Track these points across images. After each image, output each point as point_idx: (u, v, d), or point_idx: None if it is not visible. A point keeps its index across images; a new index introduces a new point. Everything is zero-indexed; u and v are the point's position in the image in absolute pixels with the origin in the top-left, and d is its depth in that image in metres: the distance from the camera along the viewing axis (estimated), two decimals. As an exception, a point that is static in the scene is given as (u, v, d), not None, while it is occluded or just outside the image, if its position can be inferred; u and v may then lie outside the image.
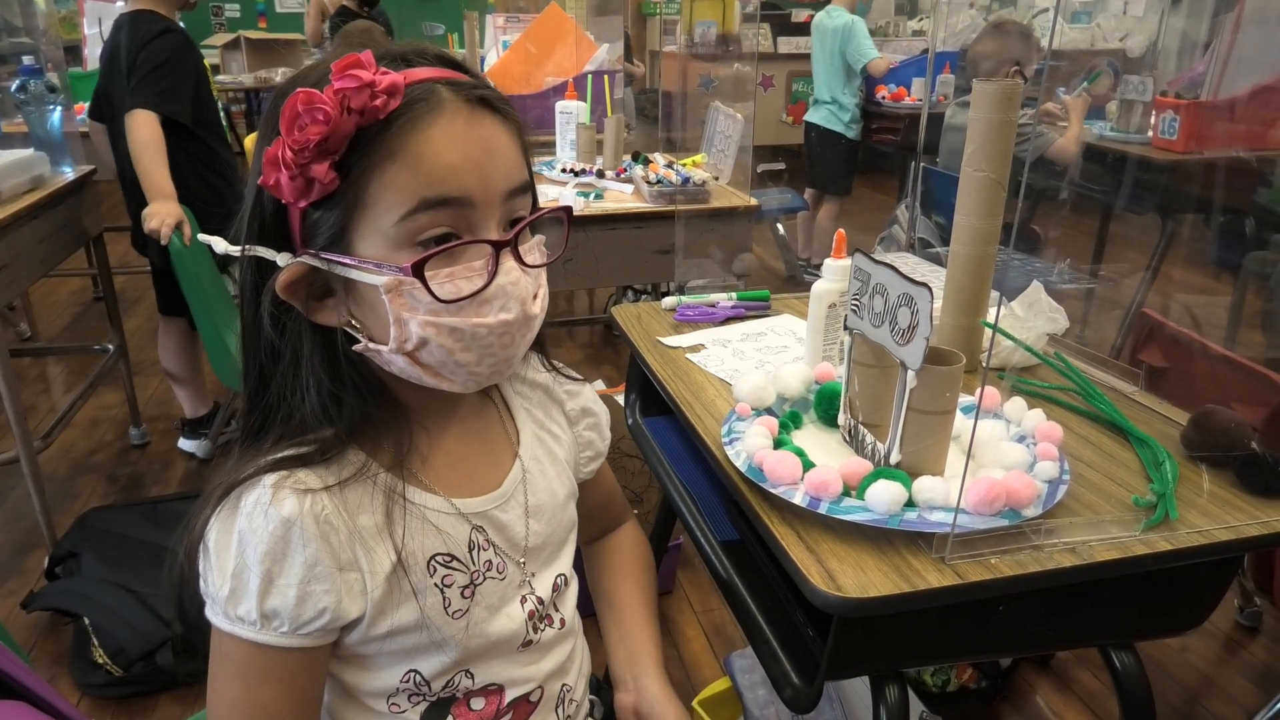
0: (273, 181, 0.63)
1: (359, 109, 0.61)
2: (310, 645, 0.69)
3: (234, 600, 0.66)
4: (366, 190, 0.63)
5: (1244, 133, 2.74)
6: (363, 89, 0.61)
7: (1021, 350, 1.15)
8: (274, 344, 0.69)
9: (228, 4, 7.28)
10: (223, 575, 0.66)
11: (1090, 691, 1.83)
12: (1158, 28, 3.92)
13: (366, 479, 0.70)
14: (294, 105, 0.61)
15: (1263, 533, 0.84)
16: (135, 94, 2.25)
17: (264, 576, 0.66)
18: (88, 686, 1.81)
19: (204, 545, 0.68)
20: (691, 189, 2.21)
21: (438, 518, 0.74)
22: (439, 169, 0.64)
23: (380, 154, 0.63)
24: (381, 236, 0.64)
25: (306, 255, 0.66)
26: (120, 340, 2.73)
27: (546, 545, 0.83)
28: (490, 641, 0.77)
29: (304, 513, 0.66)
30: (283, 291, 0.67)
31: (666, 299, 1.42)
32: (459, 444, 0.78)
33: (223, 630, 0.68)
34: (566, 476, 0.88)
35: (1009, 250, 1.52)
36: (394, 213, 0.64)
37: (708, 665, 1.92)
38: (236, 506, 0.67)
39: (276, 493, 0.66)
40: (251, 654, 0.68)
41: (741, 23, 2.71)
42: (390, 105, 0.62)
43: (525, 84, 3.30)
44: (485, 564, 0.76)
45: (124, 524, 2.10)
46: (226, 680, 0.70)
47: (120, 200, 2.45)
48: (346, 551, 0.68)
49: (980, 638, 0.86)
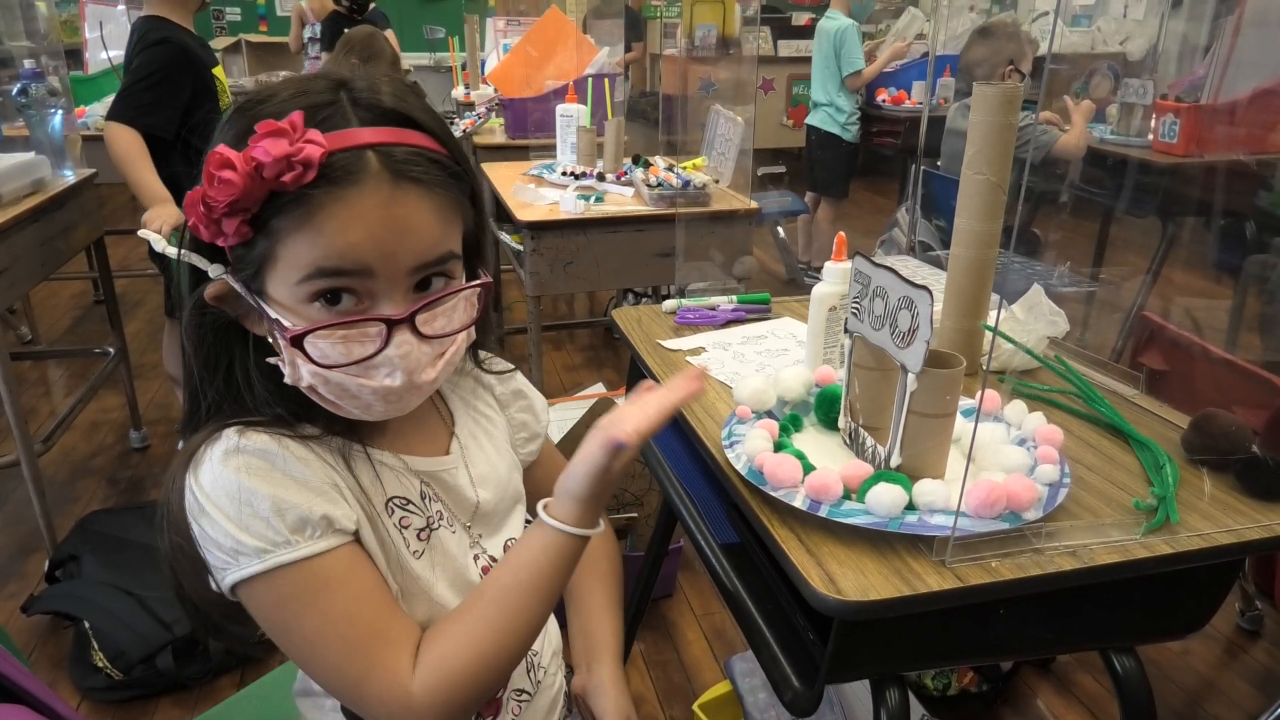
0: (191, 221, 0.66)
1: (271, 178, 0.63)
2: (347, 541, 0.71)
3: (256, 536, 0.66)
4: (276, 247, 0.66)
5: (1244, 136, 2.74)
6: (278, 162, 0.62)
7: (1022, 353, 1.15)
8: (209, 340, 0.72)
9: (228, 7, 7.29)
10: (232, 524, 0.66)
11: (1091, 695, 1.83)
12: (1158, 31, 3.92)
13: (322, 441, 0.73)
14: (214, 159, 0.63)
15: (1264, 536, 0.84)
16: (115, 106, 2.26)
17: (271, 499, 0.67)
18: (88, 690, 1.81)
19: (196, 516, 0.68)
20: (692, 192, 2.21)
21: (389, 471, 0.78)
22: (338, 245, 0.66)
23: (288, 219, 0.65)
24: (286, 288, 0.68)
25: (231, 278, 0.69)
26: (121, 343, 2.73)
27: (496, 512, 0.87)
28: (453, 594, 0.79)
29: (278, 443, 0.69)
30: (211, 300, 0.70)
31: (667, 302, 1.42)
32: (398, 423, 0.79)
33: (260, 574, 0.67)
34: (506, 451, 0.91)
35: (1009, 253, 1.52)
36: (293, 274, 0.67)
37: (708, 668, 1.92)
38: (207, 461, 0.68)
39: (243, 434, 0.69)
40: (301, 576, 0.68)
41: (742, 26, 2.71)
42: (305, 178, 0.63)
43: (526, 87, 3.30)
44: (437, 513, 0.80)
45: (124, 527, 2.10)
46: (296, 620, 0.69)
47: (120, 203, 2.45)
48: (323, 482, 0.71)
49: (981, 641, 0.86)
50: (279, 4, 7.33)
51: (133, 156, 2.23)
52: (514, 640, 0.73)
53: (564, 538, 0.73)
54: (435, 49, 6.97)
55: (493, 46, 4.00)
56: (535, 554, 0.73)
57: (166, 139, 2.29)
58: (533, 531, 0.74)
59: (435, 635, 0.72)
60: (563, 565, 0.74)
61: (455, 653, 0.71)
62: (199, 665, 1.83)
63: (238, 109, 0.68)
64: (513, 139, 3.23)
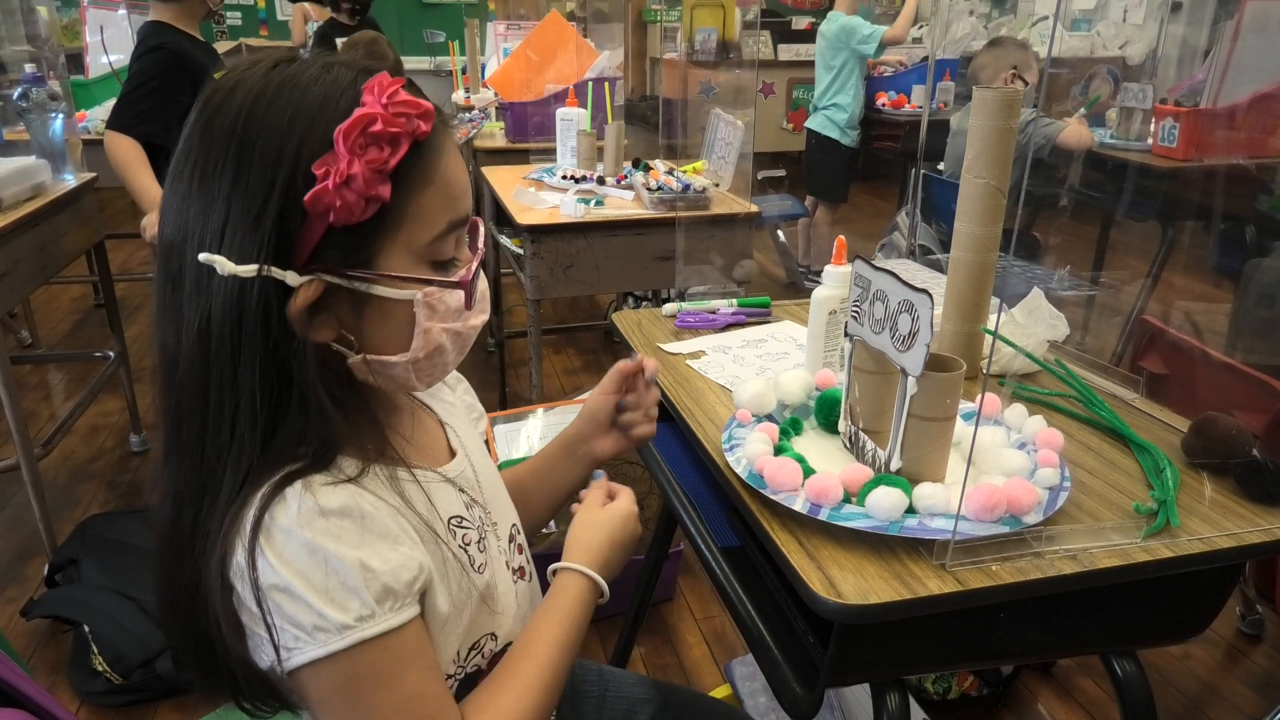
0: (336, 202, 0.60)
1: (417, 127, 0.63)
2: (417, 611, 0.68)
3: (343, 610, 0.62)
4: (405, 211, 0.65)
5: (1244, 140, 2.74)
6: (412, 108, 0.62)
7: (1022, 357, 1.15)
8: (277, 368, 0.64)
9: (229, 12, 7.30)
10: (319, 597, 0.61)
11: (1092, 699, 1.83)
12: (1157, 35, 3.92)
13: (369, 474, 0.69)
14: (364, 125, 0.61)
15: (1264, 540, 0.84)
16: (114, 113, 2.26)
17: (359, 565, 0.62)
18: (87, 694, 1.81)
19: (269, 591, 0.61)
20: (692, 196, 2.22)
21: (436, 488, 0.75)
22: (456, 192, 0.68)
23: (420, 176, 0.65)
24: (409, 254, 0.66)
25: (326, 273, 0.63)
26: (121, 347, 2.73)
27: (497, 496, 0.87)
28: (506, 601, 0.81)
29: (349, 495, 0.64)
30: (298, 313, 0.63)
31: (667, 305, 1.42)
32: (408, 428, 0.79)
33: (339, 651, 0.62)
34: (474, 430, 0.92)
35: (1009, 257, 1.52)
36: (426, 232, 0.66)
37: (709, 672, 1.92)
38: (280, 529, 0.62)
39: (314, 493, 0.63)
40: (379, 652, 0.64)
41: (742, 30, 2.72)
42: (429, 129, 0.64)
43: (526, 91, 3.31)
44: (479, 519, 0.80)
45: (124, 531, 2.10)
46: (367, 699, 0.65)
47: (121, 207, 2.46)
48: (398, 531, 0.67)
49: (981, 645, 0.86)
50: (279, 8, 7.34)
51: (130, 162, 2.23)
52: (552, 694, 0.76)
53: (586, 585, 0.82)
54: (435, 53, 6.97)
55: (493, 50, 4.00)
56: (563, 604, 0.81)
57: (166, 146, 2.29)
58: (556, 584, 0.82)
59: (482, 704, 0.73)
60: (587, 612, 0.82)
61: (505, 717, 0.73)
62: (198, 669, 1.83)
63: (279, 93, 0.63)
64: (513, 143, 3.23)
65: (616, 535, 0.88)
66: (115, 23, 3.89)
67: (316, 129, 0.62)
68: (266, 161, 0.61)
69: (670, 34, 3.46)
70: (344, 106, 0.62)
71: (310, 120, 0.62)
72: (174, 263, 0.65)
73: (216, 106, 0.63)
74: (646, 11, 7.35)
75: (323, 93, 0.63)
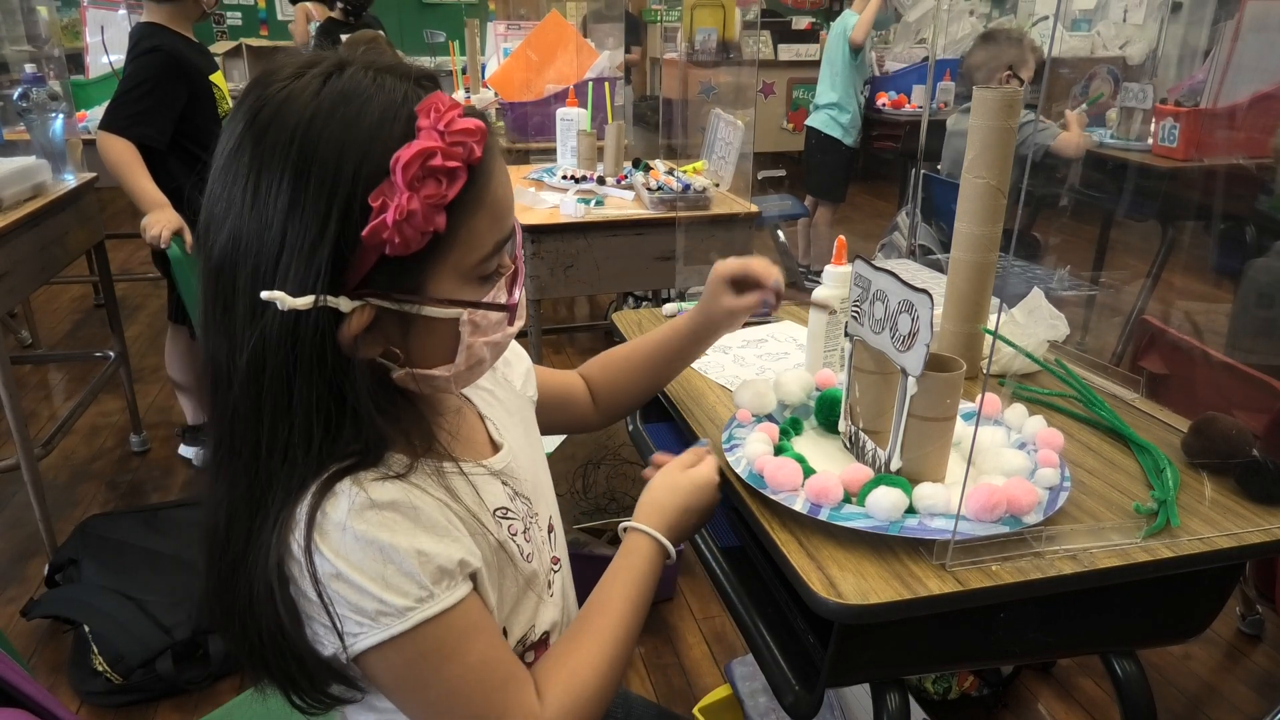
0: (395, 238, 0.60)
1: (473, 155, 0.63)
2: (472, 587, 0.69)
3: (402, 594, 0.64)
4: (456, 236, 0.65)
5: (1244, 140, 2.74)
6: (470, 137, 0.62)
7: (1022, 357, 1.15)
8: (330, 389, 0.64)
9: (229, 12, 7.31)
10: (376, 584, 0.63)
11: (1092, 699, 1.83)
12: (1158, 35, 3.92)
13: (416, 470, 0.70)
14: (424, 160, 0.60)
15: (1264, 540, 0.84)
16: (107, 115, 2.26)
17: (415, 552, 0.64)
18: (87, 694, 1.81)
19: (328, 582, 0.63)
20: (692, 196, 2.22)
21: (482, 480, 0.76)
22: (503, 211, 0.68)
23: (470, 202, 0.65)
24: (457, 275, 0.67)
25: (376, 298, 0.64)
26: (121, 347, 2.73)
27: (539, 486, 0.88)
28: (541, 582, 0.81)
29: (399, 490, 0.66)
30: (350, 339, 0.64)
31: (667, 305, 1.42)
32: (453, 423, 0.80)
33: (402, 633, 0.64)
34: (518, 417, 0.91)
35: (1009, 257, 1.52)
36: (475, 254, 0.67)
37: (708, 672, 1.92)
38: (334, 524, 0.63)
39: (364, 488, 0.64)
40: (442, 628, 0.66)
41: (742, 30, 2.72)
42: (480, 154, 0.64)
43: (526, 91, 3.31)
44: (523, 510, 0.80)
45: (124, 531, 2.10)
46: (434, 674, 0.67)
47: (121, 207, 2.46)
48: (447, 523, 0.69)
49: (981, 645, 0.86)
50: (279, 8, 7.34)
51: (126, 163, 2.23)
52: (625, 651, 0.78)
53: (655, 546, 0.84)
54: (436, 53, 6.97)
55: (493, 50, 4.00)
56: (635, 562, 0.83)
57: (160, 148, 2.29)
58: (627, 543, 0.84)
59: (554, 662, 0.75)
60: (655, 572, 0.83)
61: (579, 674, 0.74)
62: (199, 669, 1.83)
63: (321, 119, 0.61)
64: (513, 143, 3.23)
65: (692, 501, 0.88)
66: (115, 23, 3.89)
67: (373, 155, 0.61)
68: (323, 189, 0.60)
69: (670, 34, 3.46)
70: (399, 130, 0.61)
71: (367, 145, 0.61)
72: (225, 283, 0.63)
73: (269, 121, 0.62)
74: (646, 11, 7.35)
75: (378, 113, 0.62)
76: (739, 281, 1.01)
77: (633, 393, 1.09)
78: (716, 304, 1.01)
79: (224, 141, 0.64)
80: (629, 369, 1.07)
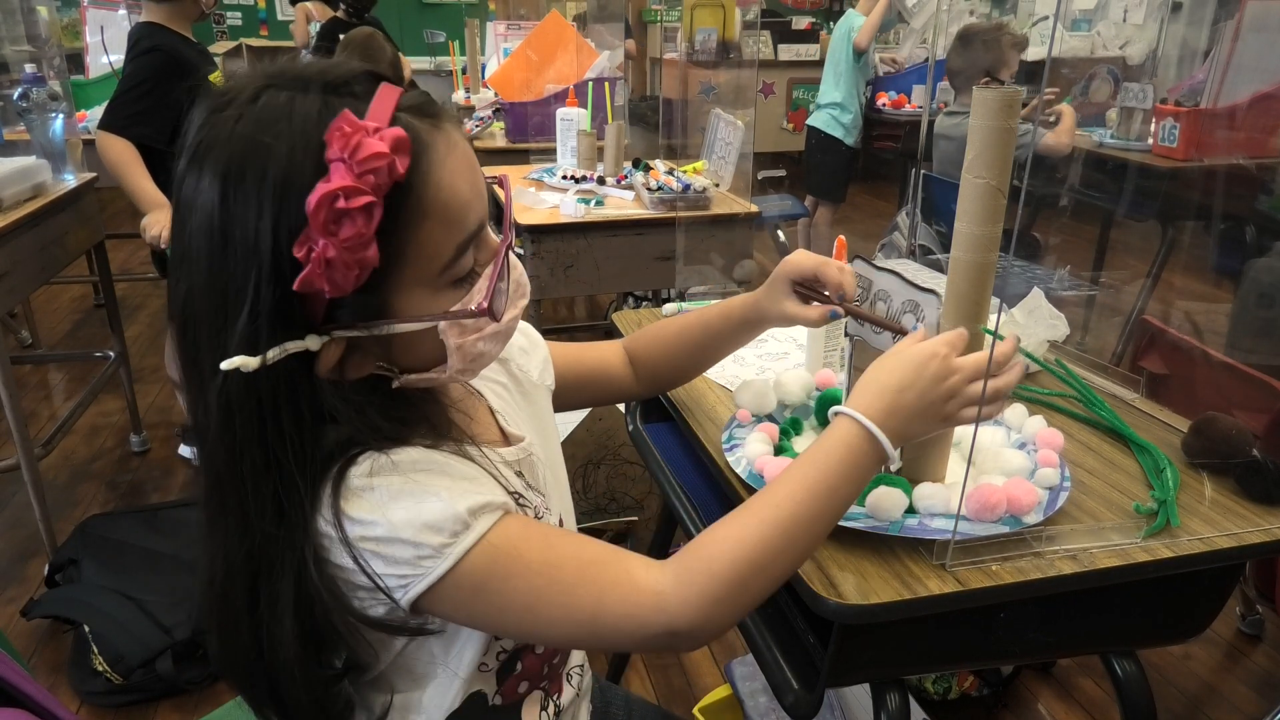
0: (325, 286, 0.58)
1: (389, 181, 0.58)
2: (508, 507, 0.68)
3: (440, 533, 0.62)
4: (404, 253, 0.62)
5: (1244, 140, 2.74)
6: (381, 160, 0.57)
7: (1022, 357, 1.15)
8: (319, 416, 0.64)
9: (229, 12, 7.30)
10: (411, 530, 0.62)
11: (1092, 699, 1.83)
12: (1158, 35, 3.92)
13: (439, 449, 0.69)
14: (328, 204, 0.57)
15: (1264, 540, 0.84)
16: (107, 114, 2.26)
17: (445, 492, 0.63)
18: (87, 694, 1.81)
19: (361, 544, 0.62)
20: (692, 196, 2.22)
21: (497, 466, 0.73)
22: (459, 211, 0.64)
23: (412, 214, 0.61)
24: (423, 288, 0.64)
25: (342, 331, 0.63)
26: (121, 347, 2.73)
27: (553, 481, 0.85)
28: None
29: (421, 451, 0.65)
30: (327, 373, 0.63)
31: (667, 305, 1.42)
32: (469, 406, 0.79)
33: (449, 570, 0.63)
34: (534, 409, 0.89)
35: (1010, 257, 1.52)
36: (435, 264, 0.64)
37: (709, 672, 1.92)
38: (355, 489, 0.63)
39: (385, 453, 0.64)
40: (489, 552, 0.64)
41: (742, 30, 2.71)
42: (404, 165, 0.59)
43: (526, 91, 3.31)
44: (536, 504, 0.77)
45: (124, 531, 2.10)
46: (504, 594, 0.65)
47: (121, 207, 2.45)
48: (471, 471, 0.68)
49: (981, 645, 0.86)
50: (279, 8, 7.33)
51: (126, 163, 2.23)
52: (790, 537, 0.68)
53: (857, 430, 0.72)
54: (436, 53, 6.98)
55: (493, 50, 4.00)
56: (825, 444, 0.72)
57: (159, 148, 2.29)
58: (830, 426, 0.74)
59: (699, 535, 0.69)
60: (853, 457, 0.71)
61: (719, 547, 0.67)
62: (199, 669, 1.83)
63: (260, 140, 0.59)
64: (513, 143, 3.23)
65: (908, 377, 0.75)
66: (115, 23, 3.89)
67: (289, 206, 0.58)
68: (250, 254, 0.59)
69: (670, 34, 3.46)
70: (310, 167, 0.58)
71: (281, 197, 0.58)
72: (189, 339, 0.63)
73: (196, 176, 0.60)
74: (646, 11, 7.35)
75: (286, 153, 0.58)
76: (806, 282, 0.92)
77: (677, 370, 1.04)
78: (777, 306, 0.92)
79: (177, 179, 0.62)
80: (676, 347, 1.01)
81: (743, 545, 0.67)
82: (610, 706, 1.05)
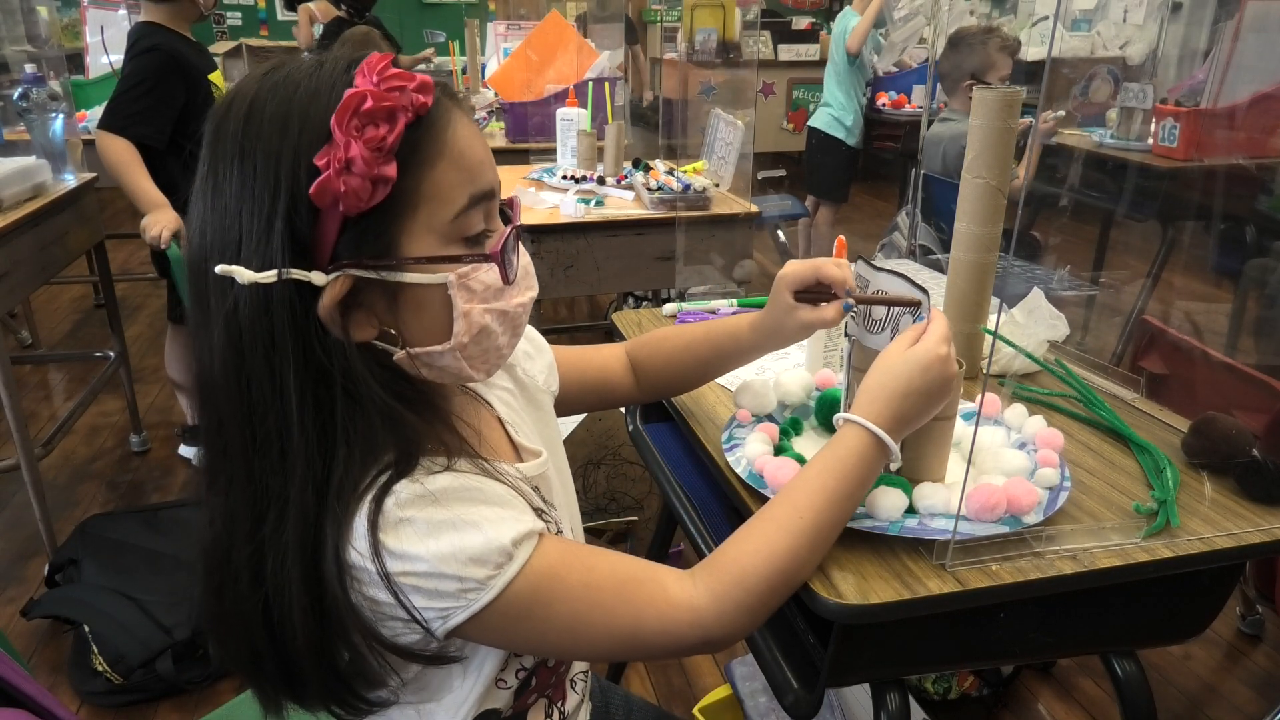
0: (341, 188, 0.59)
1: (417, 102, 0.61)
2: (543, 527, 0.68)
3: (482, 564, 0.62)
4: (419, 190, 0.63)
5: (1244, 140, 2.75)
6: (406, 81, 0.60)
7: (1022, 357, 1.15)
8: (325, 373, 0.63)
9: (229, 12, 7.31)
10: (453, 563, 0.62)
11: (1092, 699, 1.83)
12: (1158, 35, 3.92)
13: (457, 465, 0.68)
14: (356, 106, 0.59)
15: (1264, 540, 0.84)
16: (106, 114, 2.26)
17: (483, 524, 0.63)
18: (87, 694, 1.81)
19: (400, 580, 0.62)
20: (692, 196, 2.22)
21: (517, 482, 0.73)
22: (474, 164, 0.65)
23: (429, 152, 0.63)
24: (434, 236, 0.64)
25: (352, 267, 0.62)
26: (121, 347, 2.73)
27: (565, 493, 0.86)
28: None
29: (452, 477, 0.65)
30: (328, 311, 0.62)
31: (667, 305, 1.42)
32: (476, 420, 0.78)
33: (491, 602, 0.63)
34: (542, 417, 0.89)
35: (1009, 257, 1.52)
36: (447, 211, 0.64)
37: (709, 673, 1.92)
38: (392, 524, 0.62)
39: (418, 482, 0.63)
40: (530, 580, 0.64)
41: (742, 30, 2.71)
42: (428, 102, 0.62)
43: (526, 91, 3.31)
44: (552, 519, 0.77)
45: (124, 531, 2.10)
46: (546, 619, 0.66)
47: (121, 208, 2.46)
48: (505, 494, 0.68)
49: (981, 644, 0.86)
50: (279, 8, 7.34)
51: (126, 163, 2.23)
52: (808, 542, 0.72)
53: (864, 436, 0.75)
54: (436, 53, 6.99)
55: (493, 51, 4.00)
56: (836, 452, 0.75)
57: (159, 148, 2.29)
58: (837, 434, 0.78)
59: (721, 547, 0.71)
60: (863, 464, 0.75)
61: (744, 559, 0.69)
62: (199, 669, 1.83)
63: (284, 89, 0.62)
64: (513, 143, 3.23)
65: (914, 382, 0.77)
66: (115, 23, 3.89)
67: (312, 121, 0.60)
68: (268, 163, 0.60)
69: (670, 34, 3.46)
70: (337, 94, 0.60)
71: (304, 114, 0.61)
72: (199, 282, 0.64)
73: (219, 121, 0.63)
74: (646, 11, 7.35)
75: (315, 86, 0.62)
76: (807, 288, 0.90)
77: (680, 381, 1.05)
78: (790, 318, 0.90)
79: (206, 133, 0.64)
80: (681, 362, 1.01)
81: (773, 556, 0.70)
82: (610, 706, 1.05)
